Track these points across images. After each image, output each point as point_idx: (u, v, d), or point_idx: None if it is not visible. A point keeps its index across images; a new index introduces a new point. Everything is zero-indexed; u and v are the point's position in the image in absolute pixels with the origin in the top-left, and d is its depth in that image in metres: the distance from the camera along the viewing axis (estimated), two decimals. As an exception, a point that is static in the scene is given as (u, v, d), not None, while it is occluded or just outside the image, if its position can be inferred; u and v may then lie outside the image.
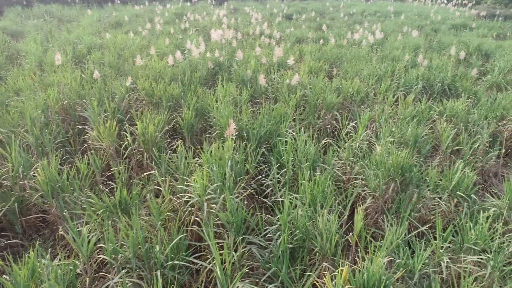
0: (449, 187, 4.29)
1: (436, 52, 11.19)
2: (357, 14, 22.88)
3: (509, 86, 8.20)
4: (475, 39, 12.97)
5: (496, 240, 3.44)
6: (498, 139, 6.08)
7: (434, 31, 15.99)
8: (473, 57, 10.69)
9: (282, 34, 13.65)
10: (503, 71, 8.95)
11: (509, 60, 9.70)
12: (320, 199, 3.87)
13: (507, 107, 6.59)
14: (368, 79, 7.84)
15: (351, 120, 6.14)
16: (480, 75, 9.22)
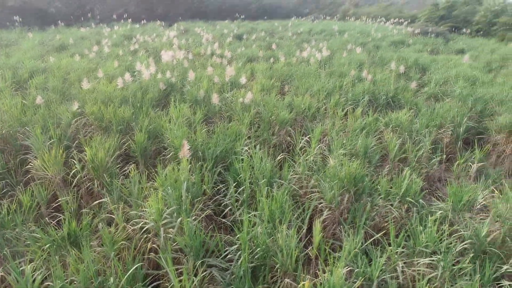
0: (399, 194, 4.50)
1: (379, 67, 11.91)
2: (304, 33, 23.86)
3: (445, 96, 8.88)
4: (412, 54, 14.00)
5: (444, 241, 3.64)
6: (439, 146, 6.52)
7: (376, 47, 17.05)
8: (412, 70, 11.50)
9: (234, 54, 13.86)
10: (438, 82, 9.71)
11: (443, 73, 10.56)
12: (279, 215, 3.89)
13: (445, 116, 7.12)
14: (318, 94, 8.13)
15: (305, 135, 6.29)
16: (419, 87, 9.90)
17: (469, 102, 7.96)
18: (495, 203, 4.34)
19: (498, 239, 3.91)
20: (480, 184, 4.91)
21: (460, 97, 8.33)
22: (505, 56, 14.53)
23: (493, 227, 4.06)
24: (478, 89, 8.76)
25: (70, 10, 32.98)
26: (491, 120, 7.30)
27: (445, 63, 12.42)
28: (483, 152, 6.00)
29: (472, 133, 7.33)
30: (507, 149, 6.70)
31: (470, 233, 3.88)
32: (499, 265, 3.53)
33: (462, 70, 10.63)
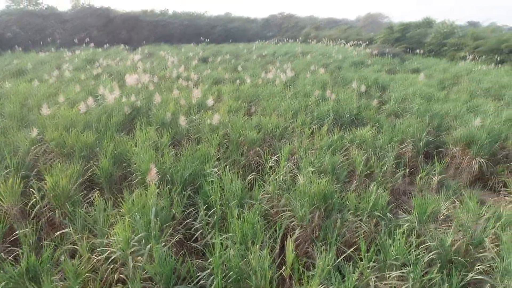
0: (368, 208, 4.60)
1: (341, 86, 12.35)
2: (269, 55, 24.43)
3: (404, 113, 9.31)
4: (372, 74, 14.66)
5: (413, 253, 3.73)
6: (402, 160, 6.78)
7: (338, 68, 17.71)
8: (372, 89, 12.01)
9: (200, 76, 13.90)
10: (398, 100, 10.18)
11: (401, 91, 11.11)
12: (251, 236, 3.85)
13: (406, 131, 7.45)
14: (285, 114, 8.28)
15: (273, 154, 6.34)
16: (380, 104, 10.33)
17: (427, 118, 8.39)
18: (457, 213, 4.54)
19: (462, 248, 4.07)
20: (442, 196, 5.13)
21: (418, 113, 8.76)
22: (456, 74, 15.55)
23: (456, 236, 4.22)
24: (434, 105, 9.27)
25: (29, 34, 31.99)
26: (447, 134, 7.71)
27: (402, 82, 13.08)
28: (442, 164, 6.31)
29: (431, 147, 7.69)
30: (464, 161, 7.07)
31: (436, 243, 4.01)
32: (465, 273, 3.66)
33: (418, 88, 11.24)
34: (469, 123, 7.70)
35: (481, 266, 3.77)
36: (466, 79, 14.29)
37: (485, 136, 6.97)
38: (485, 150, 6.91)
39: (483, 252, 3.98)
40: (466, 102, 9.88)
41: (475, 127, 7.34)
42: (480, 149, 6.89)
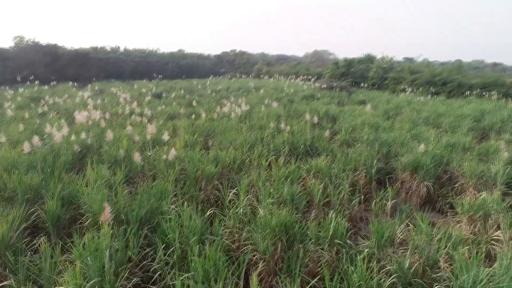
0: (328, 237, 4.64)
1: (294, 118, 12.75)
2: (223, 90, 24.81)
3: (355, 142, 9.75)
4: (322, 106, 15.35)
5: (375, 278, 3.78)
6: (356, 187, 7.01)
7: (290, 101, 18.36)
8: (324, 120, 12.54)
9: (154, 112, 13.71)
10: (348, 130, 10.68)
11: (351, 121, 11.69)
12: (213, 274, 3.70)
13: (358, 160, 7.76)
14: (242, 147, 8.33)
15: (232, 188, 6.28)
16: (332, 135, 10.76)
17: (376, 146, 8.84)
18: (412, 236, 4.72)
19: (419, 269, 4.20)
20: (397, 220, 5.33)
21: (368, 142, 9.22)
22: (398, 105, 16.75)
23: (413, 258, 4.36)
24: (382, 134, 9.83)
25: (-36, 72, 29.99)
26: (396, 161, 8.15)
27: (351, 113, 13.82)
28: (394, 190, 6.61)
29: (382, 173, 8.06)
30: (413, 185, 7.46)
31: (395, 267, 4.11)
32: (424, 294, 3.76)
33: (366, 118, 11.91)
34: (414, 150, 8.22)
35: (438, 286, 3.89)
36: (407, 109, 15.41)
37: (430, 161, 7.45)
38: (430, 174, 7.36)
39: (439, 272, 4.13)
40: (409, 130, 10.59)
41: (420, 153, 7.84)
42: (426, 173, 7.33)
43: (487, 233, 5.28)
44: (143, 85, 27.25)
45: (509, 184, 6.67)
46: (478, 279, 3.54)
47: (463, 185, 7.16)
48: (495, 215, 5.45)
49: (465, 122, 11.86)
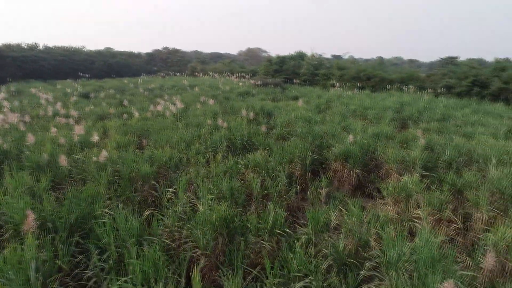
0: (268, 227, 4.76)
1: (231, 115, 12.80)
2: (156, 88, 24.01)
3: (290, 136, 10.07)
4: (258, 102, 15.59)
5: (313, 262, 3.97)
6: (293, 179, 7.26)
7: (226, 98, 18.37)
8: (260, 116, 12.76)
9: (81, 113, 12.82)
10: (283, 124, 10.99)
11: (285, 116, 12.04)
12: (153, 274, 3.59)
13: (293, 152, 8.03)
14: (178, 145, 8.15)
15: (170, 187, 6.14)
16: (268, 129, 10.99)
17: (309, 139, 9.23)
18: (345, 220, 5.02)
19: (353, 250, 4.49)
20: (331, 206, 5.63)
21: (302, 135, 9.59)
22: (329, 99, 17.63)
23: (347, 241, 4.65)
24: (314, 127, 10.27)
25: None
26: (328, 152, 8.58)
27: (285, 108, 14.24)
28: (327, 179, 6.96)
29: (316, 164, 8.44)
30: (344, 173, 7.93)
31: (331, 250, 4.35)
32: (358, 272, 4.03)
33: (299, 113, 12.36)
34: (344, 140, 8.73)
35: (370, 263, 4.20)
36: (337, 103, 16.29)
37: (358, 150, 7.98)
38: (359, 162, 7.89)
39: (370, 250, 4.45)
40: (339, 123, 11.21)
41: (349, 143, 8.35)
42: (355, 162, 7.83)
43: (409, 212, 5.81)
44: (68, 85, 25.35)
45: (426, 167, 7.39)
46: (402, 253, 3.89)
47: (387, 170, 7.77)
48: (415, 195, 6.01)
49: (388, 114, 12.87)
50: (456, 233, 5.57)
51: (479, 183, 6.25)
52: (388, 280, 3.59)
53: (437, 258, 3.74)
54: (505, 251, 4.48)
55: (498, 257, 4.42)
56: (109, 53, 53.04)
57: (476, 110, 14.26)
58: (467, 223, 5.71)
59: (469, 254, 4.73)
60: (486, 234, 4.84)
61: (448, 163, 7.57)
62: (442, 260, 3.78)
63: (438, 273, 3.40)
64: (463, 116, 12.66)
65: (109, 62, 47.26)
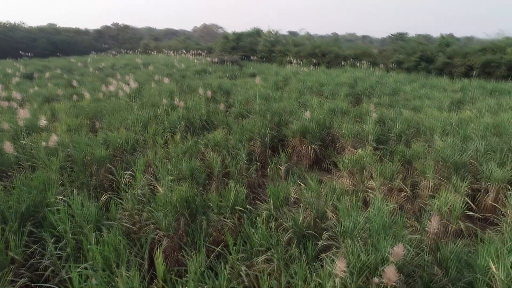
0: (229, 205, 4.82)
1: (188, 94, 12.54)
2: (107, 68, 22.86)
3: (249, 114, 10.09)
4: (215, 80, 15.38)
5: (274, 236, 4.10)
6: (253, 156, 7.34)
7: (182, 77, 17.92)
8: (218, 94, 12.61)
9: (25, 95, 11.96)
10: (241, 102, 10.96)
11: (243, 94, 12.01)
12: (114, 259, 3.54)
13: (252, 130, 8.09)
14: (134, 127, 7.90)
15: (128, 169, 5.98)
16: (227, 108, 10.93)
17: (268, 116, 9.31)
18: (303, 194, 5.20)
19: (311, 222, 4.68)
20: (290, 181, 5.79)
21: (261, 113, 9.64)
22: (286, 76, 17.75)
23: (305, 213, 4.83)
24: (273, 104, 10.36)
25: None
26: (286, 128, 8.73)
27: (243, 86, 14.17)
28: (286, 155, 7.11)
29: (275, 141, 8.57)
30: (302, 149, 8.14)
31: (291, 223, 4.50)
32: (316, 242, 4.22)
33: (257, 90, 12.36)
34: (302, 117, 8.90)
35: (327, 233, 4.41)
36: (294, 80, 16.45)
37: (315, 126, 8.19)
38: (316, 137, 8.12)
39: (327, 221, 4.66)
40: (297, 99, 11.38)
41: (307, 119, 8.54)
42: (313, 137, 8.05)
43: (363, 183, 6.12)
44: (8, 64, 23.39)
45: (378, 140, 7.76)
46: (357, 222, 4.12)
47: (343, 144, 8.08)
48: (369, 167, 6.33)
49: (343, 89, 13.24)
50: (405, 201, 5.97)
51: (426, 153, 6.70)
52: (344, 248, 3.80)
53: (389, 225, 4.00)
54: (448, 215, 4.90)
55: (442, 220, 4.82)
56: (52, 30, 49.34)
57: (423, 84, 15.05)
58: (415, 191, 6.14)
59: (417, 219, 5.10)
60: (431, 200, 5.23)
61: (399, 136, 8.00)
62: (393, 226, 4.06)
63: (389, 238, 3.65)
64: (412, 90, 13.33)
65: (53, 40, 44.04)
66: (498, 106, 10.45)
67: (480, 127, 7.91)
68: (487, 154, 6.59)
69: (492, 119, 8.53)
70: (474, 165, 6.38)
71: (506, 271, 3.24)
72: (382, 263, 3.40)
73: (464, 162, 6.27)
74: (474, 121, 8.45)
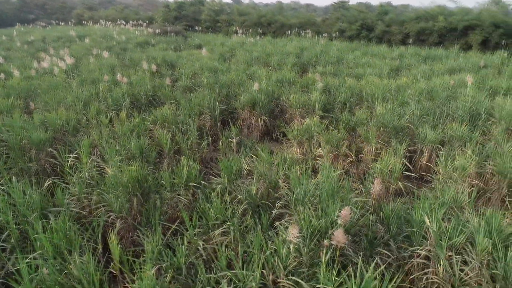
0: (183, 182, 4.80)
1: (131, 68, 11.94)
2: (37, 41, 20.94)
3: (197, 87, 9.89)
4: (159, 53, 14.76)
5: (229, 209, 4.18)
6: (203, 131, 7.29)
7: (123, 50, 16.94)
8: (163, 68, 12.16)
9: None
10: (188, 76, 10.68)
11: (190, 67, 11.69)
12: (66, 245, 3.43)
13: (201, 104, 7.97)
14: (74, 106, 7.43)
15: (71, 152, 5.67)
16: (173, 82, 10.60)
17: (217, 89, 9.20)
18: (256, 166, 5.31)
19: (265, 192, 4.84)
20: (242, 154, 5.87)
21: (209, 86, 9.49)
22: (232, 47, 17.48)
23: (259, 184, 4.96)
24: (220, 77, 10.23)
25: None
26: (236, 101, 8.72)
27: (189, 58, 13.76)
28: (237, 128, 7.15)
29: (225, 114, 8.56)
30: (252, 121, 8.22)
31: (245, 195, 4.61)
32: (270, 211, 4.39)
33: (204, 63, 12.08)
34: (250, 89, 8.91)
35: (280, 202, 4.59)
36: (240, 50, 16.27)
37: (264, 97, 8.26)
38: (266, 109, 8.22)
39: (280, 191, 4.84)
40: (244, 71, 11.31)
41: (255, 91, 8.57)
42: (262, 109, 8.14)
43: (312, 151, 6.37)
44: None
45: (324, 108, 8.04)
46: (308, 189, 4.32)
47: (291, 114, 8.27)
48: (316, 136, 6.58)
49: (289, 59, 13.36)
50: (351, 166, 6.34)
51: (369, 119, 7.09)
52: (296, 215, 4.00)
53: (336, 190, 4.25)
54: (388, 176, 5.30)
55: (384, 181, 5.22)
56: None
57: (365, 53, 15.65)
58: (359, 156, 6.52)
59: (362, 182, 5.47)
60: (374, 163, 5.61)
61: (343, 104, 8.35)
62: (340, 191, 4.32)
63: (337, 203, 3.89)
64: (354, 59, 13.81)
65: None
66: (431, 72, 11.23)
67: (416, 92, 8.48)
68: (422, 118, 7.13)
69: (426, 84, 9.17)
70: (411, 129, 6.89)
71: (438, 224, 3.62)
72: (331, 227, 3.63)
73: (402, 127, 6.75)
74: (411, 87, 9.03)
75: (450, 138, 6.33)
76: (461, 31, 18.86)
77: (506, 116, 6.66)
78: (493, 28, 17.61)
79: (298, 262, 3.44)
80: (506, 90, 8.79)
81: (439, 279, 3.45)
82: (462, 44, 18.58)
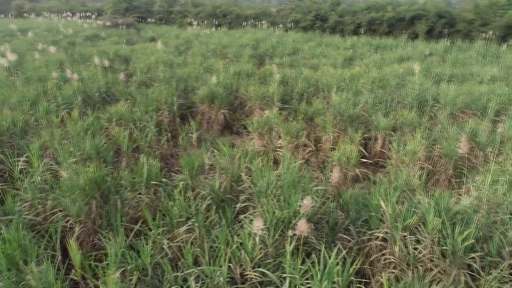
0: (143, 180, 4.70)
1: (82, 64, 11.37)
2: (-28, 36, 19.25)
3: (153, 82, 9.63)
4: (111, 47, 14.14)
5: (193, 205, 4.17)
6: (162, 127, 7.14)
7: (71, 44, 16.06)
8: (116, 63, 11.69)
9: None
10: (143, 70, 10.36)
11: (144, 61, 11.32)
12: (21, 255, 3.26)
13: (159, 99, 7.79)
14: (21, 106, 6.97)
15: (20, 155, 5.33)
16: (128, 77, 10.24)
17: (174, 83, 9.02)
18: (217, 160, 5.31)
19: (228, 187, 4.86)
20: (203, 149, 5.83)
21: (165, 80, 9.28)
22: (187, 39, 17.15)
23: (222, 179, 4.97)
24: (177, 70, 10.02)
25: None
26: (194, 95, 8.61)
27: (143, 51, 13.32)
28: (196, 122, 7.08)
29: (184, 109, 8.43)
30: (212, 115, 8.17)
31: (208, 190, 4.61)
32: (234, 205, 4.42)
33: (159, 56, 11.77)
34: (208, 82, 8.83)
35: (244, 195, 4.64)
36: (196, 43, 16.02)
37: (222, 91, 8.23)
38: (225, 102, 8.19)
39: (243, 184, 4.88)
40: (201, 64, 11.17)
41: (213, 84, 8.51)
42: (221, 102, 8.10)
43: (273, 143, 6.47)
44: None
45: (283, 100, 8.17)
46: (270, 181, 4.40)
47: (251, 107, 8.32)
48: (276, 127, 6.68)
49: (246, 51, 13.36)
50: (311, 155, 6.52)
51: (325, 109, 7.30)
52: (260, 207, 4.07)
53: (298, 180, 4.36)
54: (346, 164, 5.52)
55: (342, 169, 5.42)
56: None
57: (319, 43, 15.99)
58: (318, 145, 6.72)
59: (322, 171, 5.65)
60: (332, 152, 5.81)
61: (301, 95, 8.52)
62: (302, 181, 4.44)
63: (299, 193, 4.00)
64: (309, 49, 14.08)
65: None
66: (382, 61, 11.73)
67: (369, 81, 8.83)
68: (375, 106, 7.46)
69: (378, 73, 9.57)
70: (365, 117, 7.19)
71: (393, 207, 3.85)
72: (294, 216, 3.74)
73: (357, 115, 7.03)
74: (364, 76, 9.38)
75: (401, 124, 6.69)
76: (408, 21, 19.80)
77: (451, 102, 7.14)
78: (437, 18, 18.67)
79: (264, 254, 3.52)
80: (450, 77, 9.40)
81: (396, 258, 3.68)
82: (409, 33, 19.55)
